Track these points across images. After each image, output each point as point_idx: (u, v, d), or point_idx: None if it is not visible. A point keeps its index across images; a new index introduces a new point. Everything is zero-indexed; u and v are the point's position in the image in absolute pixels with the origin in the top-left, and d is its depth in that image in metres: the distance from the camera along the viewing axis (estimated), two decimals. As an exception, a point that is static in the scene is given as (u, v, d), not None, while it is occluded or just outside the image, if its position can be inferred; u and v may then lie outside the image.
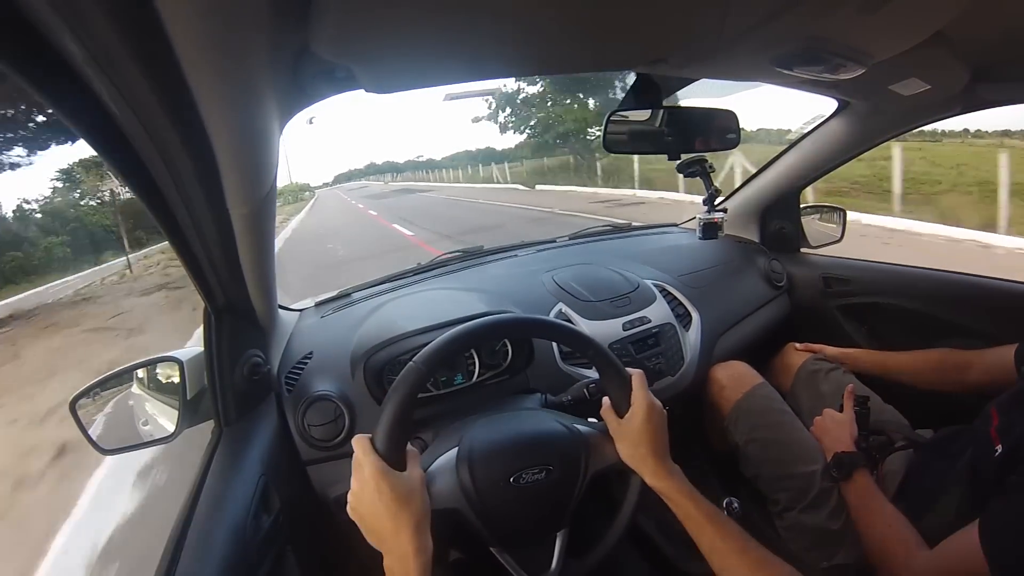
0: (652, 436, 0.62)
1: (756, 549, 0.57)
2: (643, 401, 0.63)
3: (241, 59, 0.37)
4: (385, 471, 0.51)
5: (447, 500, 0.58)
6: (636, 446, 0.62)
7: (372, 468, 0.51)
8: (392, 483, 0.51)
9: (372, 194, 30.29)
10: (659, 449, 0.62)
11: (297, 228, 14.64)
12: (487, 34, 0.52)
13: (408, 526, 0.50)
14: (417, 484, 0.54)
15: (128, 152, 0.39)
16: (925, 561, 0.64)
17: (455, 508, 0.58)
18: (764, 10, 0.55)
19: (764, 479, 0.94)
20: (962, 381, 0.95)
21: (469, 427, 0.65)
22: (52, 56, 0.29)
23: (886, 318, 1.31)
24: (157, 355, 0.78)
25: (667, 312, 1.11)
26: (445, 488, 0.59)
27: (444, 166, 39.69)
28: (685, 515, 0.60)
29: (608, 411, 0.66)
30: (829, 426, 0.91)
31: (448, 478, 0.59)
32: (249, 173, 0.52)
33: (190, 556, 0.56)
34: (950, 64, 0.80)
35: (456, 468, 0.59)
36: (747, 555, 0.56)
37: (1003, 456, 0.63)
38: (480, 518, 0.58)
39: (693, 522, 0.60)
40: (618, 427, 0.64)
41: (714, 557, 0.58)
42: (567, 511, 0.63)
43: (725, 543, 0.58)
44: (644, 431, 0.62)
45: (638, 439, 0.62)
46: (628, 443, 0.63)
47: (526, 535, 0.63)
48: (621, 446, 0.64)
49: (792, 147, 1.35)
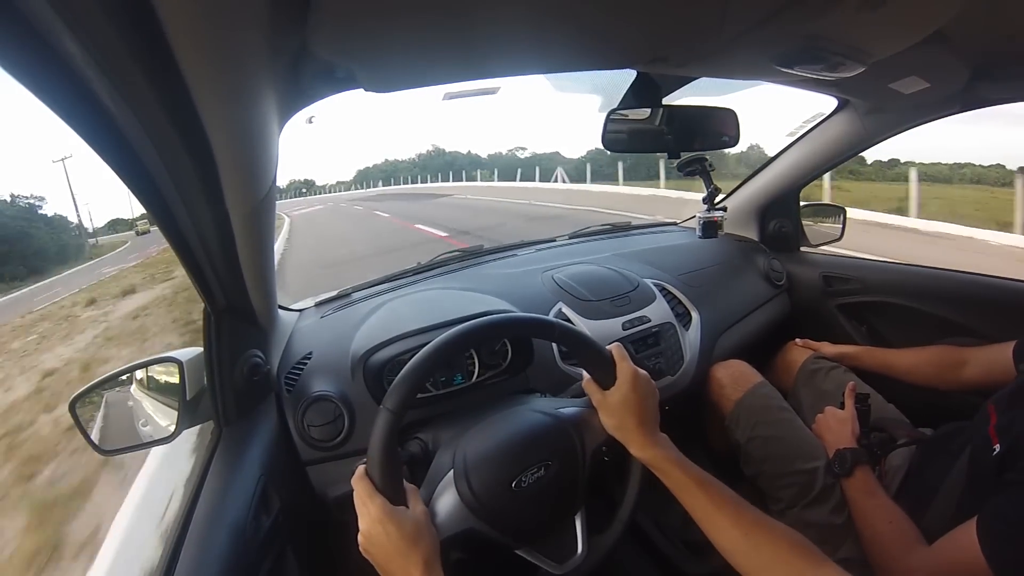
0: (638, 405, 0.61)
1: (750, 512, 0.56)
2: (628, 372, 0.62)
3: (240, 58, 0.37)
4: (391, 512, 0.52)
5: (457, 524, 0.57)
6: (621, 417, 0.61)
7: (378, 510, 0.52)
8: (399, 522, 0.52)
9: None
10: (645, 419, 0.61)
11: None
12: (487, 33, 0.52)
13: (419, 565, 0.51)
14: (423, 521, 0.54)
15: (127, 152, 0.39)
16: (923, 557, 0.65)
17: (467, 528, 0.57)
18: (764, 8, 0.55)
19: (766, 477, 0.94)
20: (958, 378, 0.96)
21: (459, 443, 0.64)
22: (51, 57, 0.29)
23: (886, 316, 1.32)
24: (157, 355, 0.78)
25: (667, 311, 1.11)
26: (452, 514, 0.58)
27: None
28: (675, 484, 0.59)
29: (589, 384, 0.64)
30: (831, 423, 0.91)
31: (451, 503, 0.58)
32: (248, 173, 0.51)
33: (190, 556, 0.56)
34: (950, 62, 0.80)
35: (457, 490, 0.58)
36: (741, 520, 0.55)
37: (1001, 454, 0.63)
38: (496, 529, 0.58)
39: (683, 490, 0.58)
40: (602, 399, 0.63)
41: (707, 524, 0.57)
42: (578, 495, 0.63)
43: (718, 509, 0.56)
44: (629, 401, 0.61)
45: (623, 410, 0.61)
46: (612, 415, 0.62)
47: (546, 527, 0.62)
48: (605, 419, 0.63)
49: (792, 146, 1.35)
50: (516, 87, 78.35)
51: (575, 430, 0.63)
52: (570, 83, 38.09)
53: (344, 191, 53.59)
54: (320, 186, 73.23)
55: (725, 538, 0.55)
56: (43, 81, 0.30)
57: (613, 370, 0.62)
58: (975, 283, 1.17)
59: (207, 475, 0.67)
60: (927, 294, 1.21)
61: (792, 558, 0.51)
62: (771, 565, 0.52)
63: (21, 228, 30.99)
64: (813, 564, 0.50)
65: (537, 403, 0.69)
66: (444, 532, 0.56)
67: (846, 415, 0.91)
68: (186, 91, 0.34)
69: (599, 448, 0.64)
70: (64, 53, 0.29)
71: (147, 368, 0.79)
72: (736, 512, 0.56)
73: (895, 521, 0.72)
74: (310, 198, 47.58)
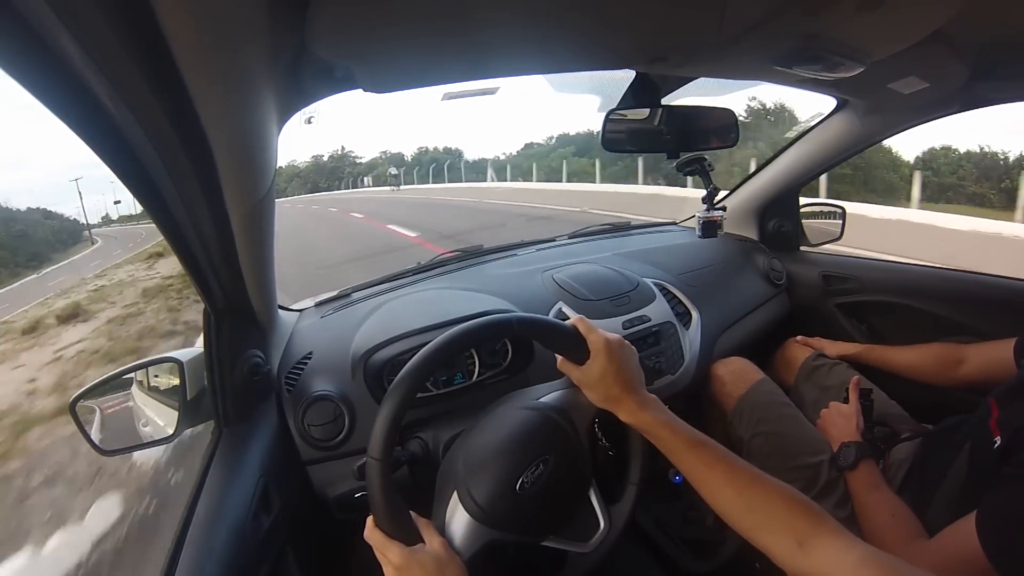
0: (618, 372, 0.59)
1: (745, 471, 0.54)
2: (599, 341, 0.60)
3: (239, 58, 0.37)
4: (409, 555, 0.52)
5: (476, 541, 0.57)
6: (605, 388, 0.60)
7: (397, 557, 0.52)
8: (421, 563, 0.51)
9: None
10: (630, 383, 0.60)
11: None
12: (486, 33, 0.52)
13: None
14: (442, 552, 0.53)
15: (127, 152, 0.39)
16: (924, 550, 0.65)
17: (487, 541, 0.57)
18: (763, 8, 0.55)
19: (770, 472, 0.93)
20: (957, 375, 0.97)
21: (455, 458, 0.63)
22: (50, 57, 0.29)
23: (885, 315, 1.32)
24: (157, 356, 0.78)
25: (667, 311, 1.11)
26: (468, 534, 0.57)
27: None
28: (666, 446, 0.58)
29: (564, 364, 0.63)
30: (836, 418, 0.91)
31: (464, 524, 0.58)
32: (248, 173, 0.51)
33: (190, 556, 0.56)
34: (949, 62, 0.80)
35: (465, 509, 0.58)
36: (735, 479, 0.54)
37: (1002, 448, 0.63)
38: (515, 533, 0.58)
39: (675, 452, 0.57)
40: (580, 376, 0.62)
41: (701, 485, 0.55)
42: (585, 476, 0.63)
43: (710, 469, 0.55)
44: (608, 370, 0.59)
45: (604, 381, 0.59)
46: (594, 389, 0.61)
47: (564, 515, 0.62)
48: (589, 394, 0.62)
49: (791, 145, 1.35)
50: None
51: (562, 416, 0.63)
52: (569, 83, 38.70)
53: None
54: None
55: (719, 498, 0.54)
56: (42, 82, 0.31)
57: (584, 344, 0.61)
58: (974, 282, 1.18)
59: (207, 475, 0.67)
60: (927, 293, 1.21)
61: (789, 515, 0.49)
62: (767, 523, 0.50)
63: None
64: (811, 522, 0.48)
65: (520, 398, 0.67)
66: (466, 553, 0.55)
67: (850, 409, 0.91)
68: (185, 91, 0.34)
69: (593, 424, 0.64)
70: (63, 54, 0.29)
71: (147, 368, 0.79)
72: (730, 471, 0.54)
73: (898, 514, 0.73)
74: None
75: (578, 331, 0.62)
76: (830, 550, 0.46)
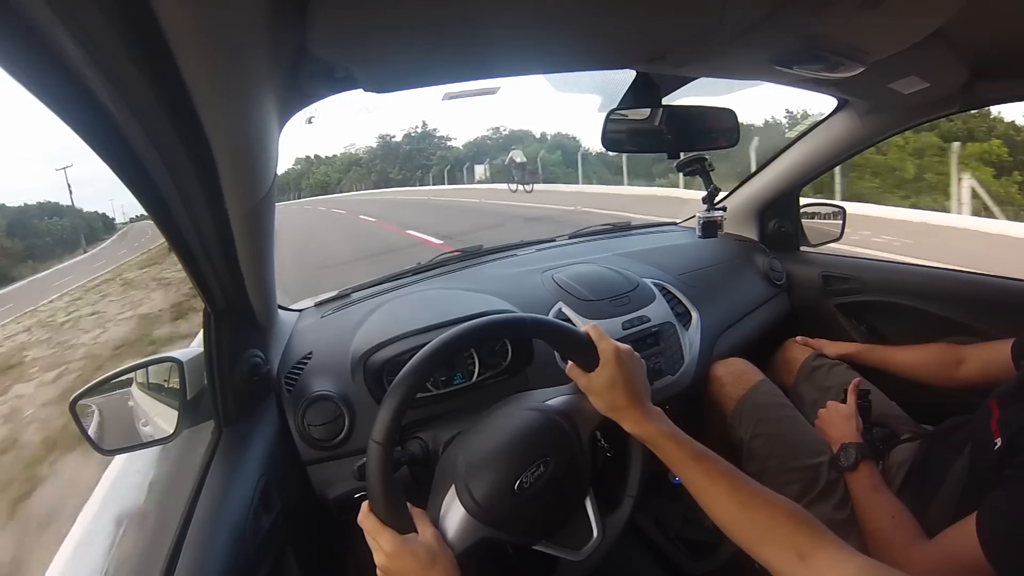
0: (625, 382, 0.60)
1: (747, 485, 0.54)
2: (609, 350, 0.61)
3: (239, 58, 0.37)
4: (402, 543, 0.52)
5: (469, 537, 0.57)
6: (611, 397, 0.60)
7: (389, 544, 0.52)
8: (412, 552, 0.52)
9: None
10: (636, 394, 0.60)
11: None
12: (486, 33, 0.52)
13: None
14: (434, 544, 0.53)
15: (126, 152, 0.39)
16: (924, 552, 0.65)
17: (480, 539, 0.57)
18: (763, 8, 0.55)
19: (770, 473, 0.94)
20: (956, 376, 0.97)
21: (455, 454, 0.63)
22: (50, 57, 0.29)
23: (885, 316, 1.32)
24: (157, 355, 0.78)
25: (667, 311, 1.11)
26: (462, 529, 0.57)
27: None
28: (670, 458, 0.58)
29: (573, 370, 0.64)
30: (834, 418, 0.91)
31: (459, 518, 0.58)
32: (248, 173, 0.51)
33: (190, 556, 0.56)
34: (949, 62, 0.80)
35: (462, 504, 0.58)
36: (737, 492, 0.54)
37: (1002, 449, 0.63)
38: (508, 533, 0.58)
39: (679, 464, 0.57)
40: (588, 383, 0.62)
41: (703, 498, 0.56)
42: (583, 482, 0.63)
43: (713, 482, 0.55)
44: (616, 379, 0.60)
45: (611, 390, 0.60)
46: (600, 397, 0.61)
47: (558, 520, 0.62)
48: (595, 401, 0.62)
49: (791, 145, 1.35)
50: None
51: (567, 420, 0.63)
52: (570, 83, 38.43)
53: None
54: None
55: (721, 511, 0.54)
56: (43, 81, 0.30)
57: (594, 352, 0.62)
58: (974, 282, 1.18)
59: (207, 475, 0.67)
60: (926, 293, 1.21)
61: (790, 529, 0.50)
62: (769, 537, 0.51)
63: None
64: (811, 537, 0.49)
65: (525, 400, 0.68)
66: (458, 548, 0.55)
67: (849, 410, 0.91)
68: (185, 91, 0.34)
69: (595, 432, 0.63)
70: (63, 53, 0.29)
71: (147, 368, 0.79)
72: (732, 484, 0.54)
73: (898, 516, 0.72)
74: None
75: (590, 338, 0.62)
76: (831, 562, 0.47)
